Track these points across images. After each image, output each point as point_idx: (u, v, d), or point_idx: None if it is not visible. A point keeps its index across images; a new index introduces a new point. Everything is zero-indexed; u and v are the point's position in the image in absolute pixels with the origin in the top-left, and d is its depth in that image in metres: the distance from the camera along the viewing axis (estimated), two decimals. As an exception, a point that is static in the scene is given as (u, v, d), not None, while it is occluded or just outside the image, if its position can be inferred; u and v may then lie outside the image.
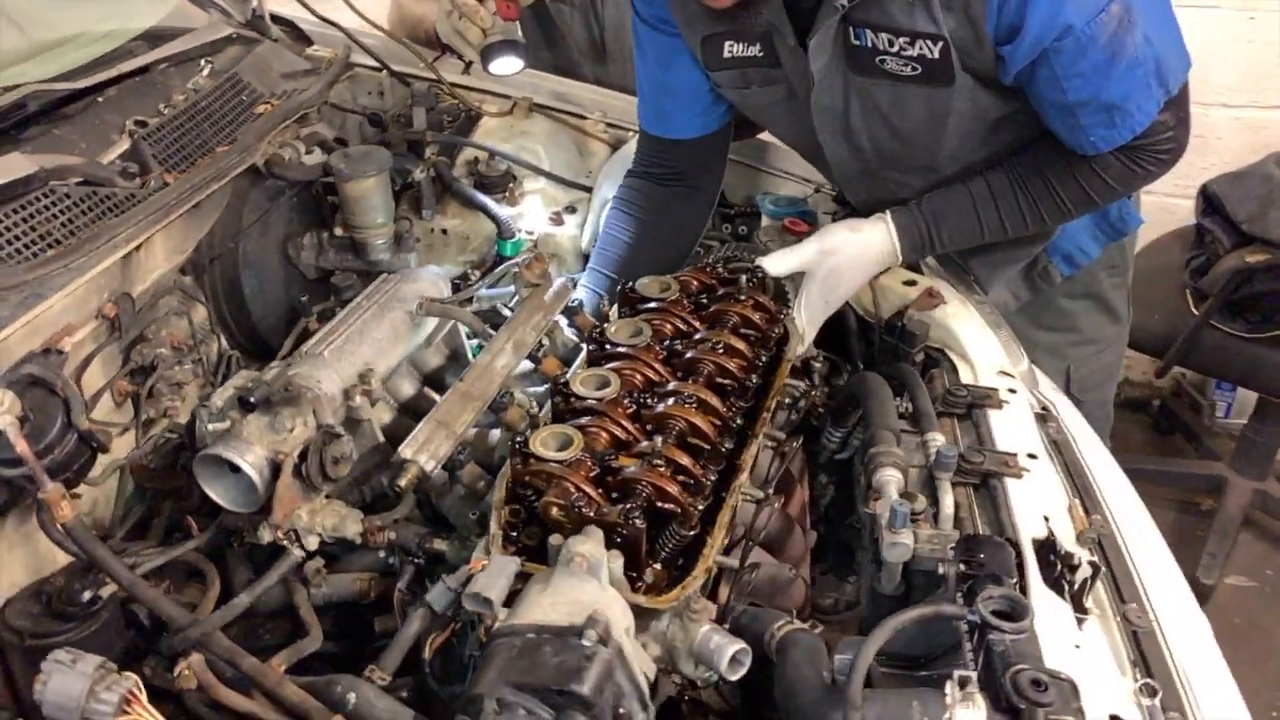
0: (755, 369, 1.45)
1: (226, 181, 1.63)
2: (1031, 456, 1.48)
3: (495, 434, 1.51)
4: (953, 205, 1.70)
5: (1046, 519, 1.36)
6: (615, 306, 1.62)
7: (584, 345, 1.54)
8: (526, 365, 1.58)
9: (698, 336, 1.48)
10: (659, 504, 1.22)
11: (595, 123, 2.27)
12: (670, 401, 1.33)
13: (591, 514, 1.17)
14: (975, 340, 1.77)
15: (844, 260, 1.69)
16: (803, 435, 1.82)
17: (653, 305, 1.54)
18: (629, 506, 1.17)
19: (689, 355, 1.43)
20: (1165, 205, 3.62)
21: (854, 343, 1.94)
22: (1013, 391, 1.65)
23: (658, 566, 1.21)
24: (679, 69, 1.78)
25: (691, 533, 1.22)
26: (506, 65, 1.98)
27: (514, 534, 1.24)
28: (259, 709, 1.09)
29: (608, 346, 1.45)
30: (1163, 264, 3.20)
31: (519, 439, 1.26)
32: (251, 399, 1.25)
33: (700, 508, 1.22)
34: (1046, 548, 1.33)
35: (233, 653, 1.15)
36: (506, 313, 1.68)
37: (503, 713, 0.92)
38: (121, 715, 0.97)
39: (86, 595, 1.17)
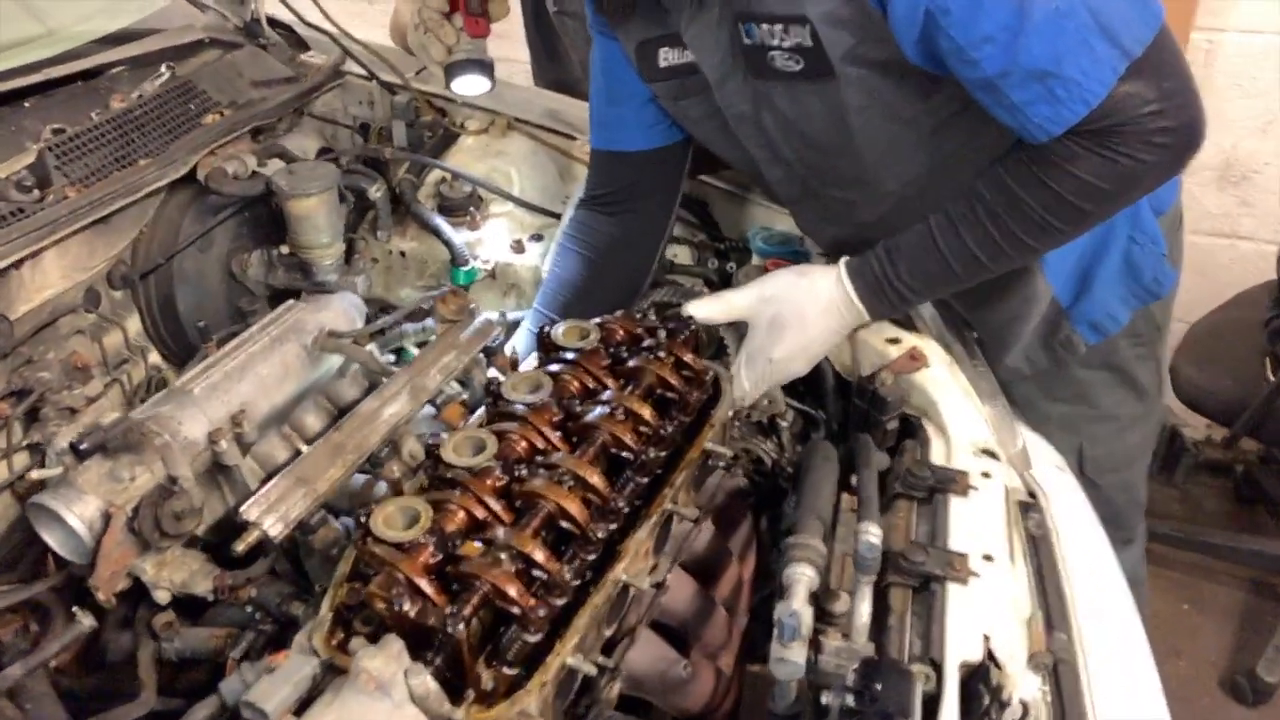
0: (661, 440, 1.29)
1: (141, 197, 1.54)
2: (987, 558, 1.28)
3: (381, 486, 1.38)
4: (909, 238, 1.44)
5: (987, 638, 1.17)
6: (535, 353, 1.47)
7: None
8: (429, 410, 1.45)
9: (604, 397, 1.31)
10: (498, 603, 1.07)
11: (584, 144, 2.12)
12: (541, 478, 1.17)
13: (412, 613, 1.02)
14: (956, 411, 1.56)
15: (788, 309, 1.49)
16: (752, 499, 1.66)
17: (569, 356, 1.39)
18: (450, 612, 1.02)
19: (585, 420, 1.27)
20: (1263, 253, 3.27)
21: (830, 402, 1.75)
22: (987, 476, 1.44)
23: (503, 669, 1.06)
24: (623, 76, 1.63)
25: (534, 638, 1.06)
26: (471, 85, 1.85)
27: (350, 615, 1.10)
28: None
29: (501, 403, 1.30)
30: (1245, 320, 2.86)
31: (363, 511, 1.13)
32: (83, 445, 1.15)
33: (548, 609, 1.07)
34: (976, 676, 1.13)
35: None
36: (415, 351, 1.54)
37: None
38: None
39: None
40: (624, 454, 1.25)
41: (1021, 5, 1.15)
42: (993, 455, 1.49)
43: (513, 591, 1.05)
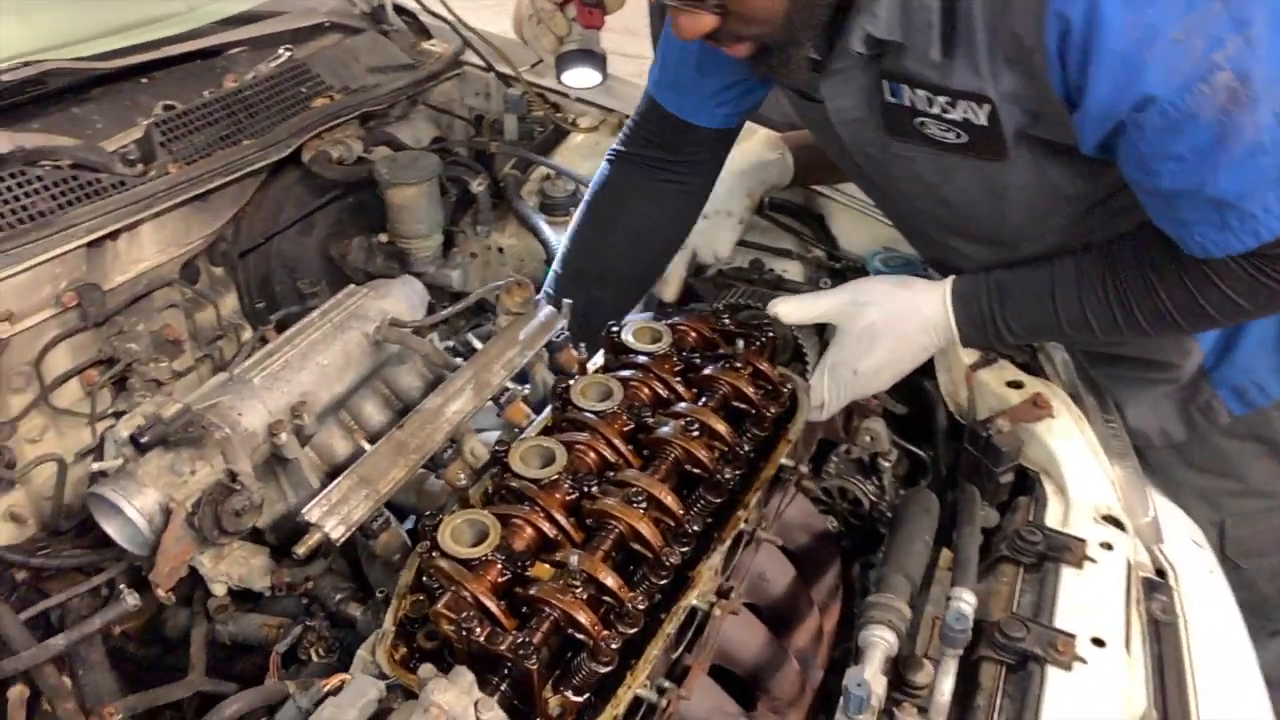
0: (737, 459, 1.21)
1: (239, 177, 1.56)
2: (1098, 642, 1.15)
3: (439, 485, 1.34)
4: (1026, 282, 1.38)
5: (1086, 734, 1.05)
6: (600, 353, 1.41)
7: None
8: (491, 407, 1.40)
9: (678, 408, 1.25)
10: (569, 630, 1.01)
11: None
12: (613, 497, 1.11)
13: (481, 639, 0.98)
14: (1080, 469, 1.43)
15: (882, 318, 1.41)
16: (844, 543, 1.56)
17: (639, 359, 1.33)
18: (520, 641, 0.97)
19: (658, 433, 1.21)
20: None
21: (940, 445, 1.63)
22: (1108, 547, 1.31)
23: (571, 696, 1.02)
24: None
25: (605, 669, 1.01)
26: (581, 77, 1.81)
27: (414, 628, 1.07)
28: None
29: (570, 409, 1.25)
30: None
31: (429, 521, 1.09)
32: (144, 438, 1.15)
33: (620, 640, 1.01)
34: (1067, 782, 1.02)
35: (55, 691, 1.10)
36: (478, 345, 1.50)
37: None
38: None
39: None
40: (696, 471, 1.19)
41: (1221, 135, 1.11)
42: (1117, 524, 1.36)
43: (584, 620, 1.00)
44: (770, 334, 1.39)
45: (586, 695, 1.02)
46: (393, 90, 1.92)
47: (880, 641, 1.11)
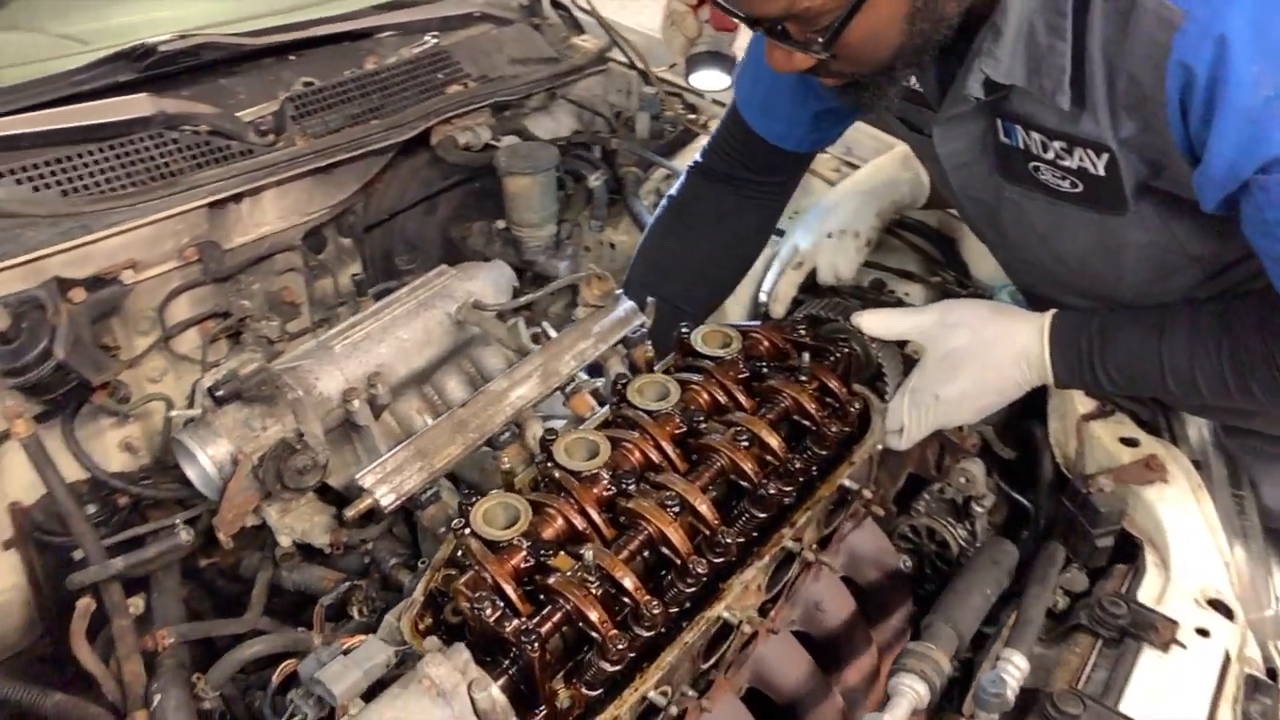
0: (788, 474, 1.17)
1: (362, 154, 1.65)
2: (1172, 740, 1.06)
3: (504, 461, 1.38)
4: (1133, 328, 1.27)
5: None
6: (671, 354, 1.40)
7: None
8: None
9: (732, 417, 1.22)
10: (580, 625, 1.02)
11: (831, 158, 2.00)
12: (648, 498, 1.11)
13: (491, 619, 1.00)
14: (1188, 544, 1.31)
15: (970, 342, 1.32)
16: (923, 588, 1.49)
17: (705, 363, 1.31)
18: (526, 627, 0.98)
19: (706, 440, 1.19)
20: None
21: (1044, 497, 1.53)
22: (1204, 634, 1.19)
23: (582, 689, 1.02)
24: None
25: (613, 667, 1.01)
26: (709, 79, 1.81)
27: (443, 601, 1.11)
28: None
29: (624, 405, 1.25)
30: None
31: (467, 500, 1.13)
32: (221, 391, 1.25)
33: (630, 640, 1.01)
34: None
35: (114, 607, 1.22)
36: (553, 334, 1.52)
37: None
38: None
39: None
40: (743, 483, 1.16)
41: None
42: (1224, 610, 1.23)
43: (594, 616, 1.00)
44: (846, 350, 1.34)
45: (599, 691, 1.03)
46: (529, 82, 1.98)
47: (909, 691, 1.06)
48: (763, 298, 1.84)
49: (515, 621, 0.99)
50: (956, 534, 1.52)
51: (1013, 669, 1.06)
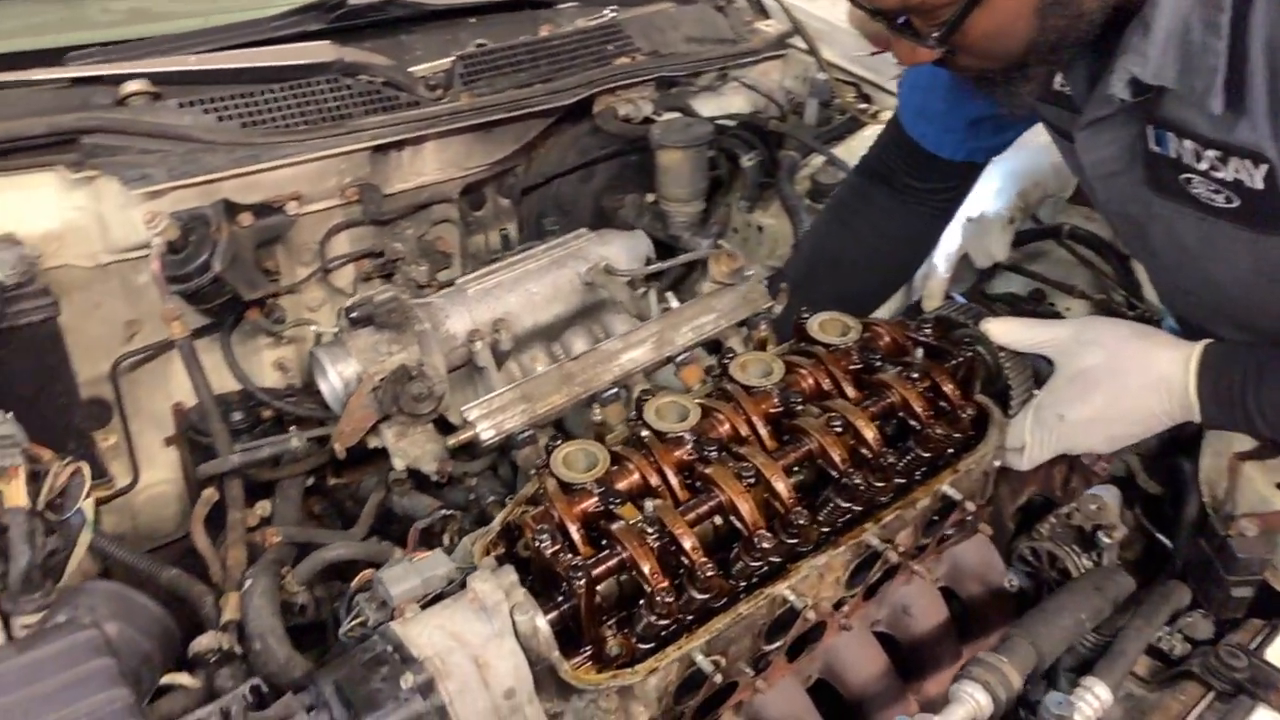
0: (881, 469, 1.14)
1: (521, 115, 1.73)
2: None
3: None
4: None
5: None
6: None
7: None
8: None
9: (831, 404, 1.20)
10: (633, 575, 1.04)
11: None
12: (728, 465, 1.11)
13: (547, 552, 1.04)
14: (1338, 606, 1.17)
15: (1105, 363, 1.22)
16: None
17: (818, 349, 1.30)
18: (577, 564, 1.02)
19: (798, 421, 1.17)
20: None
21: (1184, 536, 1.41)
22: (1335, 704, 1.07)
23: (633, 641, 1.04)
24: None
25: (660, 621, 1.02)
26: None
27: (517, 535, 1.16)
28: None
29: (725, 378, 1.26)
30: None
31: (552, 443, 1.17)
32: (353, 314, 1.35)
33: (680, 597, 1.02)
34: None
35: (232, 500, 1.36)
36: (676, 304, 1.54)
37: (314, 710, 0.95)
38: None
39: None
40: (831, 471, 1.14)
41: None
42: (1363, 680, 1.10)
43: (646, 567, 1.02)
44: (970, 354, 1.28)
45: (649, 646, 1.04)
46: (700, 60, 2.01)
47: (968, 700, 1.02)
48: (915, 294, 1.79)
49: (568, 557, 1.03)
50: (1080, 562, 1.42)
51: (1091, 698, 0.99)
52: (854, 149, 1.98)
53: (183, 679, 1.15)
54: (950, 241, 1.73)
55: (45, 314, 1.30)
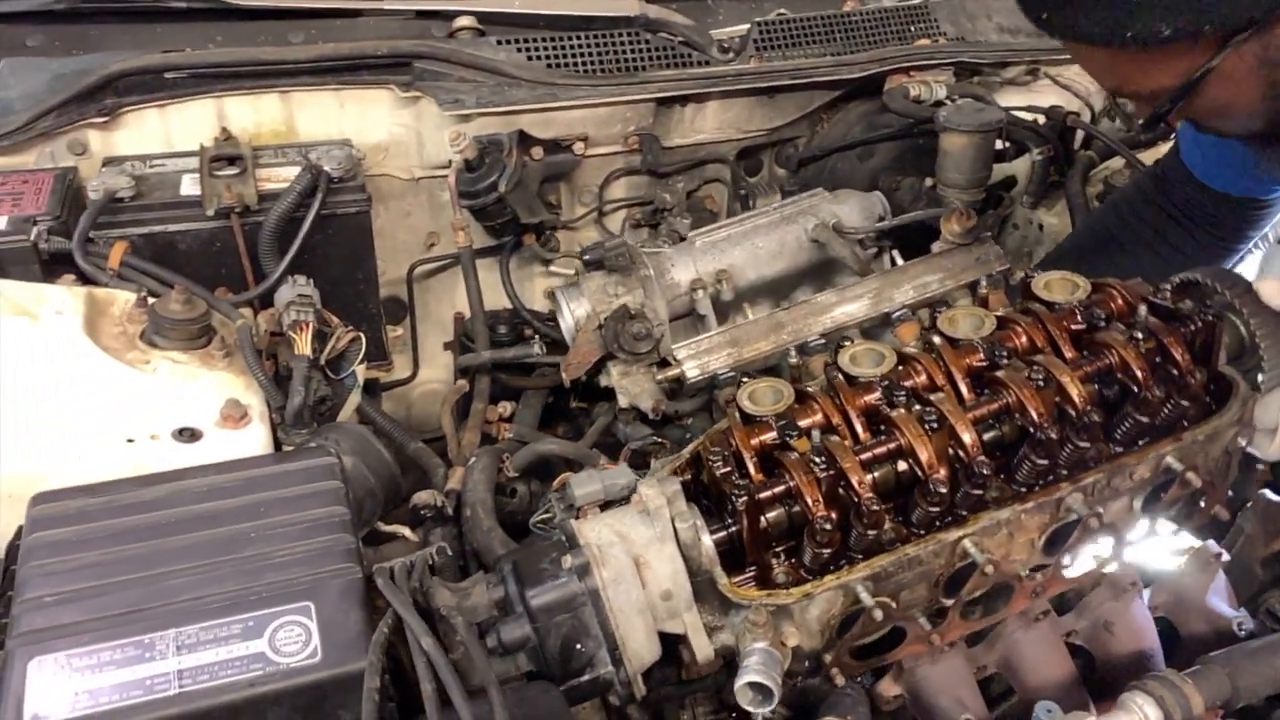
0: (1085, 428, 1.08)
1: (804, 84, 1.78)
2: None
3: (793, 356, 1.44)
4: None
5: None
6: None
7: None
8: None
9: (1038, 359, 1.15)
10: (798, 503, 1.08)
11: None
12: (911, 411, 1.11)
13: (717, 472, 1.11)
14: None
15: None
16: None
17: (1038, 306, 1.24)
18: (743, 482, 1.08)
19: (998, 374, 1.14)
20: None
21: None
22: None
23: (800, 570, 1.09)
24: None
25: (821, 550, 1.05)
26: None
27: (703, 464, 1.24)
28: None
29: (931, 330, 1.25)
30: None
31: (743, 378, 1.24)
32: (585, 256, 1.50)
33: (838, 526, 1.05)
34: None
35: (479, 395, 1.61)
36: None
37: (495, 577, 1.09)
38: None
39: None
40: (1029, 428, 1.09)
41: None
42: None
43: (809, 496, 1.05)
44: (1209, 319, 1.17)
45: (814, 576, 1.06)
46: (1007, 50, 1.95)
47: (1135, 710, 0.94)
48: None
49: (730, 476, 1.08)
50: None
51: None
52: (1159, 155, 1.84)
53: (404, 531, 1.35)
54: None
55: (360, 208, 1.51)
